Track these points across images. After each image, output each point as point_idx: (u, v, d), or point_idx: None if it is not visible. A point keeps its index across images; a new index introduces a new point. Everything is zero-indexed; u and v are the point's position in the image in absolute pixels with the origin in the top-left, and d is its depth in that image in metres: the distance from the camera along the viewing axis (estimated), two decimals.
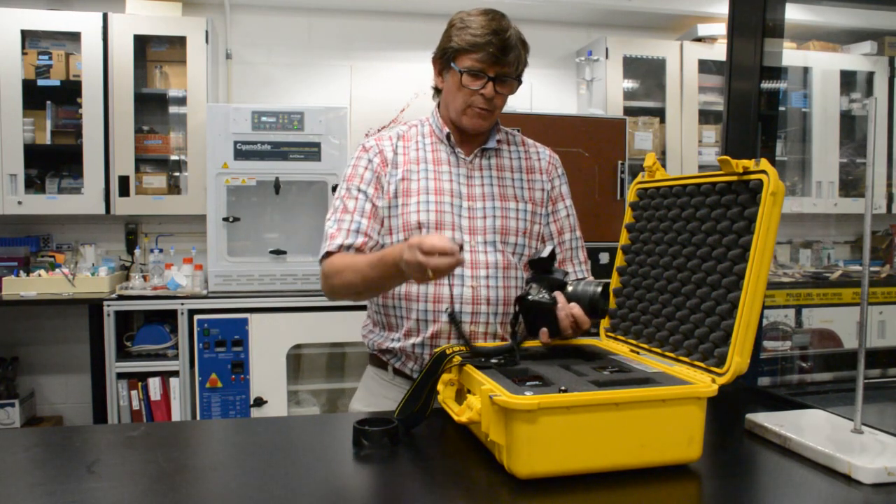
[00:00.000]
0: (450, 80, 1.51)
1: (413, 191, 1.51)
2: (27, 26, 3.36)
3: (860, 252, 4.51)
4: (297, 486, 1.07)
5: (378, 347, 1.58)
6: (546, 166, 1.66)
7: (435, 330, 1.49)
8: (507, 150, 1.63)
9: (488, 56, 1.44)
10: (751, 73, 1.77)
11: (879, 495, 1.00)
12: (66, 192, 3.50)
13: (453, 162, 1.56)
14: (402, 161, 1.55)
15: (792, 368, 2.58)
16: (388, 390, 1.57)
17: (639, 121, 4.00)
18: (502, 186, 1.57)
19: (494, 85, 1.47)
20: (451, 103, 1.52)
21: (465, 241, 1.50)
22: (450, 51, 1.47)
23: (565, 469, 1.03)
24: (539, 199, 1.61)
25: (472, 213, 1.52)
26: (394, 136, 1.59)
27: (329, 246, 1.49)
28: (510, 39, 1.46)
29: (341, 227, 1.50)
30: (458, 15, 1.50)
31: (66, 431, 1.82)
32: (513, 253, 1.55)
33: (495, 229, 1.53)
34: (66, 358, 3.68)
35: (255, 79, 3.92)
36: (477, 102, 1.48)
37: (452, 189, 1.52)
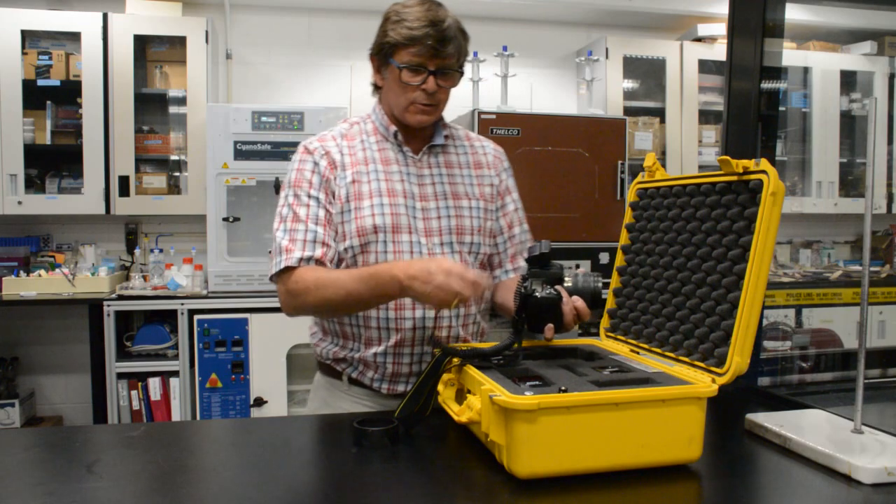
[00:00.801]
0: (389, 76, 1.45)
1: (365, 193, 1.45)
2: (27, 26, 3.37)
3: (860, 252, 4.51)
4: (297, 486, 1.07)
5: (332, 357, 1.52)
6: (492, 160, 1.60)
7: (398, 338, 1.44)
8: (454, 145, 1.57)
9: (427, 49, 1.38)
10: (751, 73, 1.77)
11: (879, 495, 1.00)
12: (66, 192, 3.50)
13: (402, 161, 1.50)
14: (349, 162, 1.48)
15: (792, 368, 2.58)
16: (343, 401, 1.51)
17: (639, 121, 4.00)
18: (453, 184, 1.52)
19: (436, 78, 1.42)
20: (392, 100, 1.47)
21: (422, 244, 1.45)
22: (386, 46, 1.42)
23: (565, 469, 1.03)
24: (489, 195, 1.56)
25: (426, 213, 1.47)
26: (337, 136, 1.52)
27: (287, 260, 1.40)
28: (448, 30, 1.40)
29: (295, 237, 1.42)
30: (393, 7, 1.44)
31: (66, 431, 1.82)
32: (469, 252, 1.50)
33: (451, 229, 1.48)
34: (66, 358, 3.68)
35: (255, 79, 3.92)
36: (419, 98, 1.43)
37: (405, 190, 1.47)
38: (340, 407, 1.51)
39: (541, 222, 3.41)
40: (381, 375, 1.47)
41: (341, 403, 1.52)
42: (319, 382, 1.60)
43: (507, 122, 3.30)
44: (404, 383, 1.47)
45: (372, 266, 1.39)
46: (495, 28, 4.07)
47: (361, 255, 1.44)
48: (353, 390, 1.51)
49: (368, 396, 1.50)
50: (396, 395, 1.46)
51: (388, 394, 1.47)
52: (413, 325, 1.44)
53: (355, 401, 1.50)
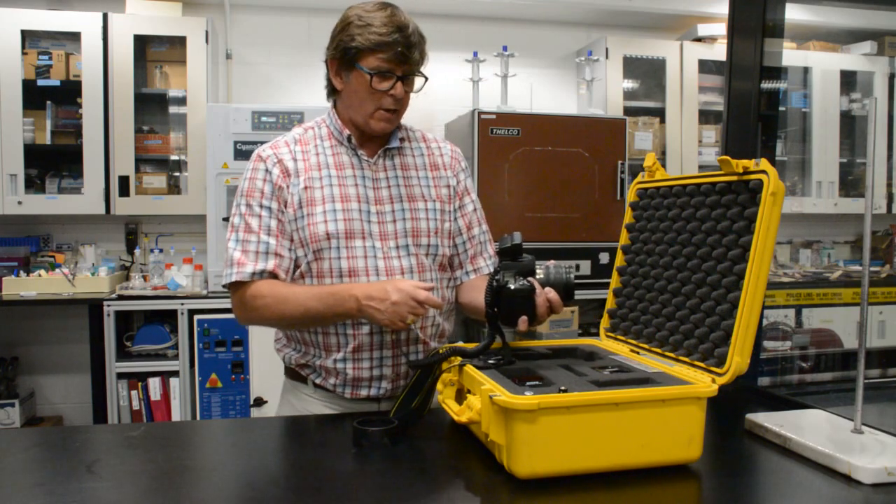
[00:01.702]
0: (354, 81, 1.43)
1: (318, 199, 1.43)
2: (27, 26, 3.37)
3: (860, 252, 4.51)
4: (296, 486, 1.07)
5: (296, 363, 1.52)
6: (449, 161, 1.58)
7: (356, 344, 1.43)
8: (410, 147, 1.55)
9: (396, 55, 1.38)
10: (751, 73, 1.77)
11: (879, 495, 1.00)
12: (66, 192, 3.50)
13: (356, 164, 1.48)
14: (302, 168, 1.46)
15: (792, 368, 2.58)
16: (310, 405, 1.51)
17: (639, 121, 4.00)
18: (408, 186, 1.50)
19: (403, 84, 1.42)
20: (356, 106, 1.45)
21: (377, 248, 1.44)
22: (353, 51, 1.40)
23: (565, 469, 1.03)
24: (445, 196, 1.54)
25: (381, 217, 1.46)
26: (290, 142, 1.51)
27: (240, 274, 1.40)
28: (413, 35, 1.40)
29: (247, 249, 1.42)
30: (354, 11, 1.42)
31: (66, 431, 1.82)
32: (426, 255, 1.48)
33: (406, 232, 1.47)
34: (66, 358, 3.68)
35: (255, 79, 3.92)
36: (386, 104, 1.42)
37: (359, 194, 1.45)
38: (307, 410, 1.52)
39: (541, 222, 3.42)
40: (343, 381, 1.47)
41: (308, 406, 1.52)
42: (286, 386, 1.61)
43: (507, 122, 3.30)
44: (367, 388, 1.46)
45: (331, 285, 1.40)
46: (495, 28, 4.07)
47: (315, 262, 1.43)
48: (319, 393, 1.51)
49: (333, 400, 1.50)
50: (360, 399, 1.47)
51: (352, 398, 1.47)
52: (370, 329, 1.43)
53: (322, 404, 1.51)
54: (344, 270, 1.42)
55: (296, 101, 3.90)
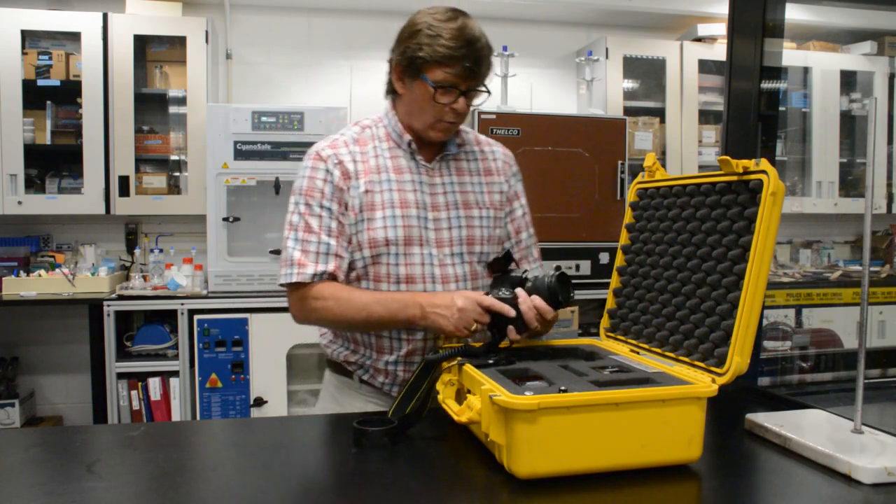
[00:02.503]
0: (417, 91, 1.41)
1: (377, 204, 1.43)
2: (27, 26, 3.36)
3: (860, 252, 4.51)
4: (297, 486, 1.07)
5: (344, 359, 1.52)
6: (502, 166, 1.58)
7: (410, 348, 1.44)
8: (464, 152, 1.55)
9: (464, 70, 1.36)
10: (751, 73, 1.77)
11: (879, 495, 1.00)
12: (66, 192, 3.50)
13: (414, 169, 1.47)
14: (362, 170, 1.45)
15: (792, 368, 2.58)
16: (355, 399, 1.52)
17: (639, 121, 4.00)
18: (464, 193, 1.50)
19: (466, 98, 1.41)
20: (417, 114, 1.44)
21: (434, 255, 1.44)
22: (419, 61, 1.37)
23: (565, 469, 1.03)
24: (498, 202, 1.55)
25: (438, 224, 1.46)
26: (349, 141, 1.48)
27: (300, 275, 1.40)
28: (483, 50, 1.38)
29: (307, 249, 1.41)
30: (423, 19, 1.39)
31: (66, 431, 1.82)
32: (478, 262, 1.50)
33: (461, 240, 1.47)
34: (66, 358, 3.68)
35: (255, 79, 3.92)
36: (448, 117, 1.41)
37: (417, 200, 1.45)
38: (352, 405, 1.51)
39: (541, 222, 3.39)
40: (392, 381, 1.48)
41: (353, 401, 1.52)
42: (329, 380, 1.60)
43: (507, 122, 3.30)
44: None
45: (395, 292, 1.40)
46: (495, 28, 4.04)
47: (373, 267, 1.44)
48: (364, 389, 1.52)
49: (378, 396, 1.50)
50: None
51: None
52: (424, 334, 1.44)
53: (367, 399, 1.51)
54: (401, 276, 1.43)
55: (296, 101, 3.90)
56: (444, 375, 1.24)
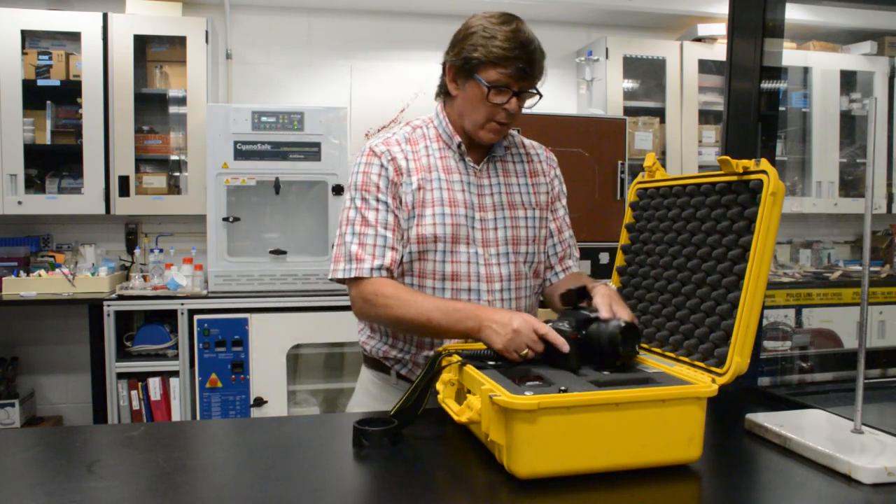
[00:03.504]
0: (470, 91, 1.44)
1: (428, 201, 1.45)
2: (27, 26, 3.36)
3: (860, 252, 4.51)
4: (297, 486, 1.07)
5: (383, 355, 1.54)
6: (546, 168, 1.62)
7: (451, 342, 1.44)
8: (510, 154, 1.59)
9: (517, 71, 1.39)
10: (751, 73, 1.77)
11: (879, 495, 1.00)
12: (66, 192, 3.50)
13: (463, 170, 1.50)
14: (414, 168, 1.47)
15: (792, 368, 2.58)
16: (392, 394, 1.53)
17: (639, 121, 4.00)
18: (510, 194, 1.53)
19: (518, 99, 1.43)
20: (469, 115, 1.46)
21: (479, 255, 1.47)
22: (474, 61, 1.40)
23: (565, 469, 1.03)
24: (544, 203, 1.58)
25: (484, 224, 1.49)
26: (401, 140, 1.51)
27: (359, 270, 1.41)
28: (536, 53, 1.41)
29: (365, 242, 1.42)
30: (479, 21, 1.43)
31: (66, 431, 1.82)
32: (524, 262, 1.52)
33: (507, 240, 1.50)
34: (66, 358, 3.68)
35: (255, 79, 3.92)
36: (499, 117, 1.44)
37: (465, 200, 1.48)
38: (389, 400, 1.52)
39: None
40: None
41: (389, 396, 1.53)
42: (366, 376, 1.61)
43: None
44: None
45: (456, 301, 1.42)
46: None
47: (418, 263, 1.46)
48: (402, 384, 1.53)
49: None
50: None
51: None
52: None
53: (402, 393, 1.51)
54: (447, 274, 1.45)
55: (296, 101, 3.90)
56: (444, 375, 1.24)
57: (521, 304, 1.51)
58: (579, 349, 1.20)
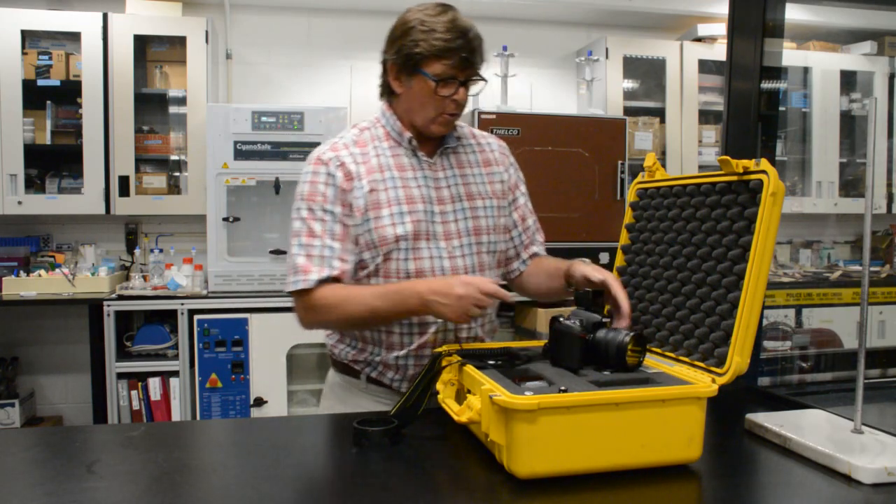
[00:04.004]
0: (416, 87, 1.42)
1: (383, 202, 1.43)
2: (27, 26, 3.36)
3: (860, 252, 4.51)
4: (296, 486, 1.07)
5: (352, 359, 1.52)
6: (499, 157, 1.61)
7: (422, 342, 1.45)
8: (462, 145, 1.57)
9: (461, 61, 1.38)
10: (751, 73, 1.77)
11: (879, 495, 1.00)
12: (66, 192, 3.50)
13: (416, 166, 1.49)
14: (364, 171, 1.45)
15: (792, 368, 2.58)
16: (361, 399, 1.52)
17: (639, 121, 4.00)
18: (467, 185, 1.52)
19: (465, 88, 1.43)
20: (418, 110, 1.45)
21: (442, 248, 1.46)
22: (417, 57, 1.39)
23: (565, 469, 1.03)
24: (500, 192, 1.57)
25: (444, 217, 1.47)
26: (349, 143, 1.49)
27: (305, 282, 1.39)
28: (475, 39, 1.41)
29: (311, 254, 1.41)
30: (415, 15, 1.41)
31: (66, 431, 1.82)
32: (486, 252, 1.51)
33: (468, 231, 1.49)
34: (66, 358, 3.68)
35: (255, 79, 3.92)
36: (449, 109, 1.43)
37: (422, 195, 1.46)
38: (358, 404, 1.51)
39: (541, 222, 3.41)
40: (402, 376, 1.48)
41: (359, 401, 1.52)
42: (334, 380, 1.60)
43: (507, 122, 3.30)
44: None
45: (394, 283, 1.40)
46: (495, 28, 4.07)
47: (383, 265, 1.44)
48: (371, 388, 1.52)
49: (387, 394, 1.51)
50: None
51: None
52: (436, 328, 1.45)
53: (374, 399, 1.51)
54: (411, 272, 1.44)
55: (296, 101, 3.90)
56: (444, 375, 1.24)
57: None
58: (585, 350, 1.20)
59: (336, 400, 1.57)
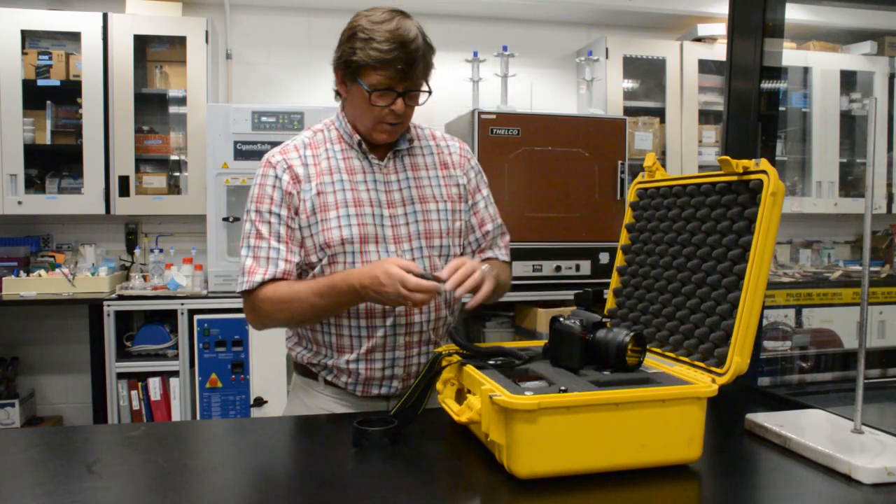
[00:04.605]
0: (356, 94, 1.42)
1: (331, 204, 1.43)
2: (27, 26, 3.36)
3: (860, 252, 4.51)
4: (297, 486, 1.07)
5: (308, 361, 1.53)
6: (458, 160, 1.58)
7: (370, 345, 1.45)
8: (419, 146, 1.55)
9: (396, 73, 1.36)
10: (751, 73, 1.77)
11: (879, 495, 1.00)
12: (66, 192, 3.50)
13: (367, 168, 1.48)
14: (313, 173, 1.45)
15: (792, 368, 2.58)
16: (321, 401, 1.52)
17: (639, 121, 4.00)
18: (419, 188, 1.50)
19: (404, 99, 1.40)
20: (359, 117, 1.45)
21: (391, 252, 1.44)
22: (353, 65, 1.38)
23: (565, 469, 1.03)
24: (456, 195, 1.54)
25: (394, 220, 1.46)
26: (300, 146, 1.49)
27: (249, 283, 1.43)
28: (417, 51, 1.37)
29: (258, 255, 1.43)
30: (359, 22, 1.39)
31: (66, 431, 1.82)
32: (438, 256, 1.49)
33: (419, 234, 1.47)
34: (66, 358, 3.68)
35: (255, 79, 3.92)
36: (387, 118, 1.41)
37: (371, 199, 1.45)
38: (318, 407, 1.52)
39: (541, 222, 3.42)
40: (355, 380, 1.48)
41: (319, 403, 1.52)
42: (297, 383, 1.61)
43: (507, 122, 3.30)
44: (377, 386, 1.48)
45: (329, 276, 1.40)
46: (495, 28, 4.07)
47: (329, 267, 1.44)
48: (329, 390, 1.52)
49: (344, 397, 1.51)
50: (371, 398, 1.49)
51: (363, 395, 1.49)
52: (384, 332, 1.44)
53: (333, 401, 1.51)
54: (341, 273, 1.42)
55: (296, 101, 3.90)
56: (444, 375, 1.24)
57: (438, 300, 1.46)
58: (585, 350, 1.20)
59: (298, 402, 1.57)
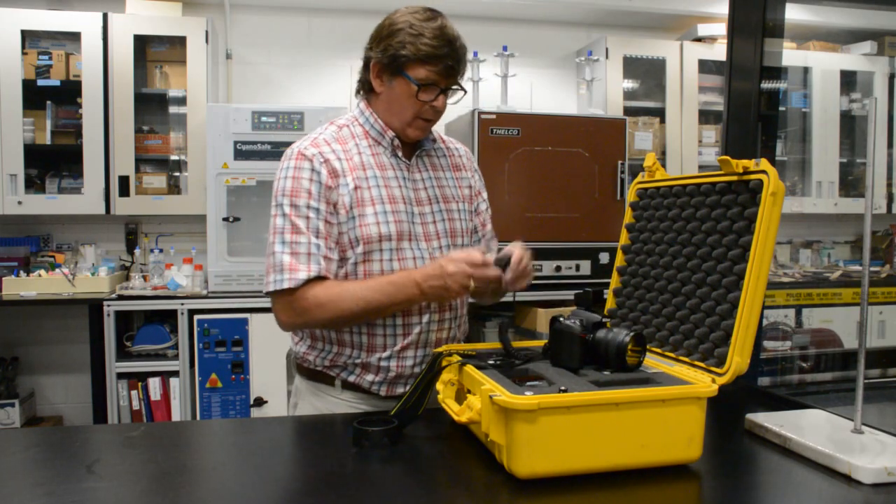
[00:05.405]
0: (398, 88, 1.43)
1: (367, 200, 1.42)
2: (27, 26, 3.36)
3: (860, 252, 4.51)
4: (296, 486, 1.07)
5: (329, 363, 1.49)
6: (466, 162, 1.63)
7: (405, 343, 1.45)
8: (434, 149, 1.58)
9: (445, 69, 1.40)
10: (751, 73, 1.77)
11: (879, 495, 1.00)
12: (66, 192, 3.50)
13: (396, 165, 1.49)
14: (348, 168, 1.43)
15: (792, 368, 2.58)
16: (336, 406, 1.49)
17: (639, 121, 4.00)
18: (441, 188, 1.54)
19: (445, 96, 1.44)
20: (396, 112, 1.45)
21: (424, 249, 1.47)
22: (402, 59, 1.39)
23: (565, 469, 1.03)
24: (468, 196, 1.59)
25: (423, 218, 1.48)
26: (330, 140, 1.46)
27: (292, 280, 1.35)
28: (462, 49, 1.42)
29: (297, 251, 1.36)
30: (404, 18, 1.41)
31: (66, 431, 1.82)
32: None
33: (446, 233, 1.51)
34: (66, 358, 3.68)
35: (255, 79, 3.92)
36: (426, 114, 1.44)
37: (403, 196, 1.46)
38: (331, 411, 1.49)
39: (541, 222, 3.42)
40: (383, 378, 1.47)
41: (332, 407, 1.50)
42: (305, 388, 1.56)
43: (507, 122, 3.30)
44: (403, 385, 1.47)
45: (385, 276, 1.40)
46: (495, 28, 4.07)
47: (363, 264, 1.43)
48: (346, 394, 1.49)
49: (363, 399, 1.49)
50: (394, 397, 1.46)
51: (387, 395, 1.47)
52: (420, 329, 1.46)
53: (348, 405, 1.49)
54: (396, 272, 1.43)
55: (296, 101, 3.90)
56: (444, 375, 1.24)
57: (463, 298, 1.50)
58: (585, 350, 1.20)
59: (309, 408, 1.54)
